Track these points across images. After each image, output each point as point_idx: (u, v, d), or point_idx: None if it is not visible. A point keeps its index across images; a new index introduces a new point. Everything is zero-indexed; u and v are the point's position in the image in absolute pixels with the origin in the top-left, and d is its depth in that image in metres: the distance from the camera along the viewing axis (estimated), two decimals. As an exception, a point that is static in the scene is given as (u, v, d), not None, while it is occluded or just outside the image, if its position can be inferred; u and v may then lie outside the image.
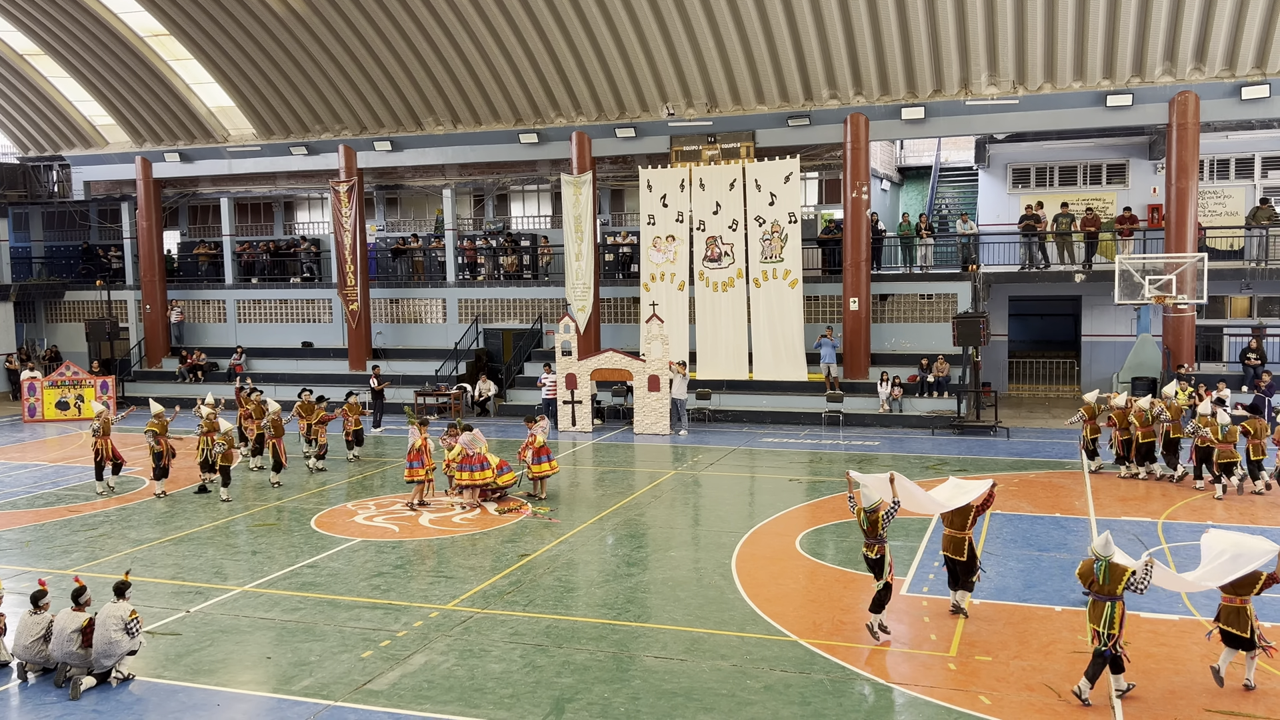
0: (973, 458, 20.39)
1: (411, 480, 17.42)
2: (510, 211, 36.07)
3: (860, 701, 9.26)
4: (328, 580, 13.24)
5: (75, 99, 33.23)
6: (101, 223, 38.33)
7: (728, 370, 27.42)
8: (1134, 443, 18.31)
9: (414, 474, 17.32)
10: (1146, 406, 18.32)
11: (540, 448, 17.55)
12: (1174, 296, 23.57)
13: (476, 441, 17.22)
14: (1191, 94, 24.02)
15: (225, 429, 18.42)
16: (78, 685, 9.77)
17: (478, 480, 17.11)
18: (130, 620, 9.98)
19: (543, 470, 17.61)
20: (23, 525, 16.64)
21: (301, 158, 31.66)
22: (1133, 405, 18.55)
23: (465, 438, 17.25)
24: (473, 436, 17.25)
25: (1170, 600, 11.76)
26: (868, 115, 26.21)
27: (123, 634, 9.92)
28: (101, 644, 9.85)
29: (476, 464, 17.11)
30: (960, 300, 27.00)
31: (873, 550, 10.71)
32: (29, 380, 29.57)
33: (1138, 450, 18.32)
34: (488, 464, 17.21)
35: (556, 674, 9.97)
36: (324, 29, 27.73)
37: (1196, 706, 8.96)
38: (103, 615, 9.93)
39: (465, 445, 17.12)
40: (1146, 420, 18.16)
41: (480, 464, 17.13)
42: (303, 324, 34.13)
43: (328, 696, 9.55)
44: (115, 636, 9.86)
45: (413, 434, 17.47)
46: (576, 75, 27.38)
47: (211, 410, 18.83)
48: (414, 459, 17.28)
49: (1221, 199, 28.45)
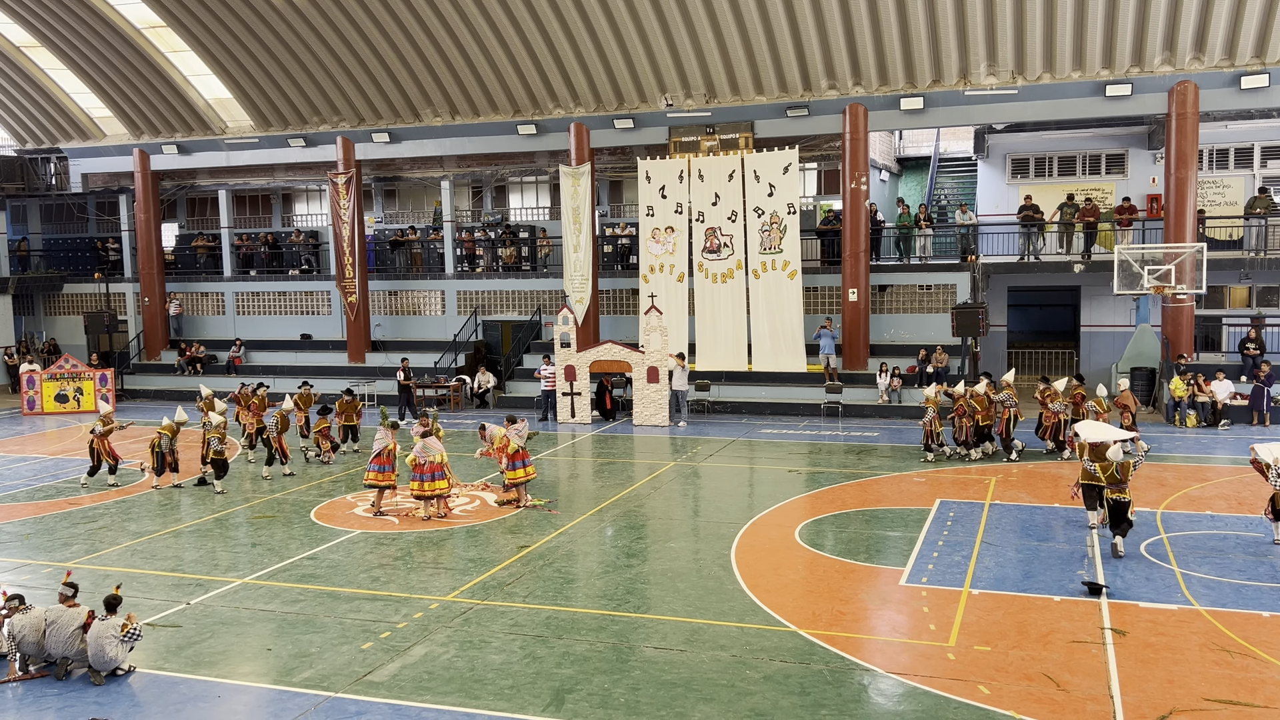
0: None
1: (374, 485, 16.42)
2: (509, 203, 36.03)
3: (859, 691, 9.28)
4: (327, 572, 13.26)
5: (73, 91, 33.15)
6: (99, 215, 38.28)
7: (727, 362, 27.42)
8: (975, 426, 19.62)
9: (381, 478, 16.40)
10: (982, 391, 19.67)
11: (515, 453, 16.38)
12: (1173, 286, 23.56)
13: (429, 450, 15.92)
14: (1191, 84, 23.98)
15: (218, 422, 18.44)
16: (99, 673, 9.80)
17: (427, 491, 15.87)
18: (124, 632, 9.92)
19: (517, 476, 16.45)
20: (22, 518, 16.65)
21: (299, 150, 31.60)
22: (970, 392, 19.86)
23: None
24: (424, 445, 15.96)
25: (1169, 591, 11.79)
26: (866, 106, 26.17)
27: (117, 647, 9.84)
28: (94, 653, 9.82)
29: (428, 474, 15.87)
30: (959, 291, 27.00)
31: (1125, 492, 13.24)
32: (28, 373, 29.55)
33: (976, 432, 19.59)
34: (442, 474, 15.95)
35: (556, 665, 9.99)
36: (321, 20, 27.65)
37: (1195, 695, 8.99)
38: (94, 633, 9.86)
39: (418, 454, 15.94)
40: (986, 404, 19.49)
41: (434, 474, 15.87)
42: (302, 316, 34.13)
43: (328, 688, 9.57)
44: (111, 652, 9.81)
45: (384, 437, 16.58)
46: (574, 66, 27.32)
47: (217, 413, 18.90)
48: (384, 463, 16.41)
49: (1221, 189, 28.42)
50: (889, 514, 15.69)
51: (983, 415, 19.59)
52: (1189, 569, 12.53)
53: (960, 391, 19.85)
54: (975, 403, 19.60)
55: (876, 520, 15.34)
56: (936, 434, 19.63)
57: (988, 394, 19.73)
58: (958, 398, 19.79)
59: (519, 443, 16.61)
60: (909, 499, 16.57)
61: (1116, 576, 12.27)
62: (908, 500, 16.48)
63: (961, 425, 19.75)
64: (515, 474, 16.49)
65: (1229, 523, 14.69)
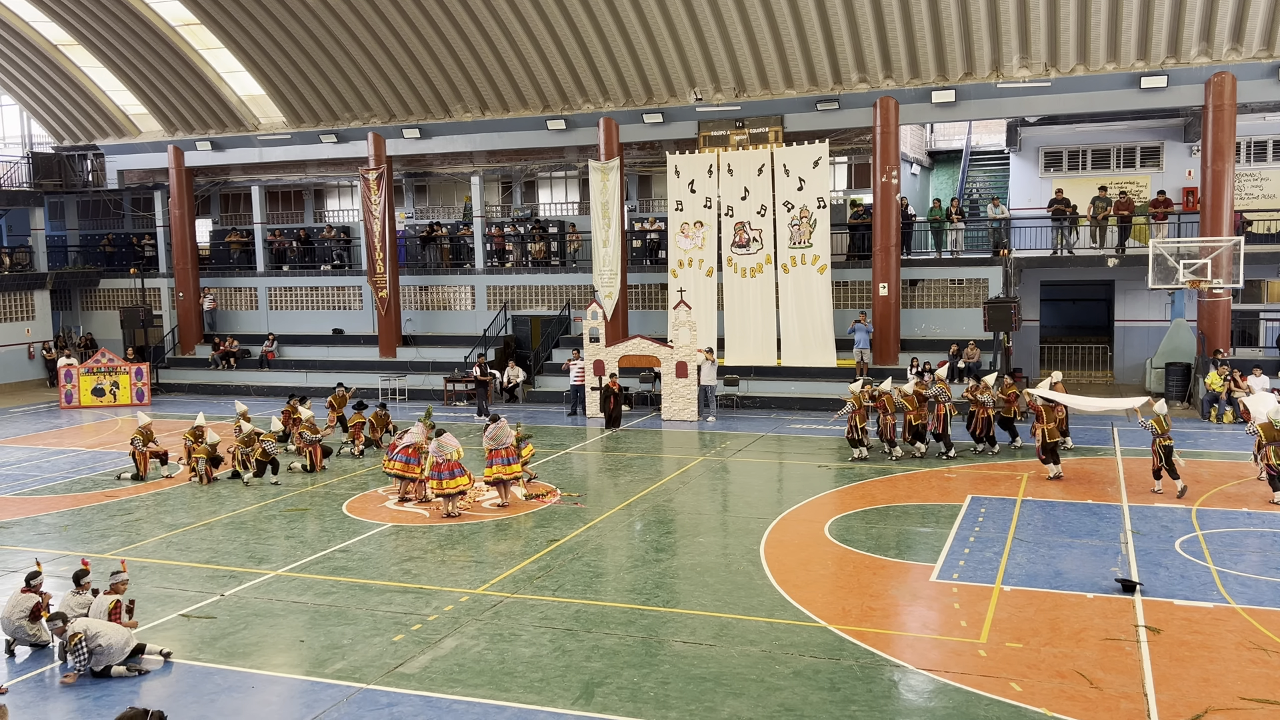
0: (1003, 443, 20.21)
1: (399, 475, 16.62)
2: (538, 198, 36.10)
3: (890, 687, 9.25)
4: (359, 565, 13.37)
5: (109, 89, 33.58)
6: (135, 211, 38.75)
7: (756, 356, 27.35)
8: (908, 425, 19.60)
9: (406, 469, 16.54)
10: (911, 391, 19.67)
11: (495, 450, 16.23)
12: (1209, 281, 23.23)
13: (444, 448, 15.81)
14: (1228, 74, 23.62)
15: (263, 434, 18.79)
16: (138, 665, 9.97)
17: (446, 489, 15.73)
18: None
19: (495, 473, 16.26)
20: (61, 510, 16.92)
21: (331, 146, 31.83)
22: (899, 390, 19.81)
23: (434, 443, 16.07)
24: (439, 443, 15.83)
25: (1204, 588, 11.66)
26: (897, 99, 25.99)
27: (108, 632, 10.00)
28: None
29: (446, 471, 15.73)
30: (991, 285, 26.76)
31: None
32: (65, 367, 29.98)
33: (910, 430, 19.57)
34: (461, 471, 15.84)
35: (586, 658, 10.02)
36: (353, 17, 27.82)
37: (1231, 694, 8.88)
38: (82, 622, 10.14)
39: (434, 453, 15.89)
40: (916, 404, 19.44)
41: (451, 471, 15.72)
42: (333, 311, 34.39)
43: (360, 679, 9.66)
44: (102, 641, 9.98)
45: (418, 431, 16.63)
46: (604, 61, 27.32)
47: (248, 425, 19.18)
48: (410, 455, 16.47)
49: (1259, 181, 27.98)
50: (920, 509, 15.60)
51: (914, 414, 19.45)
52: (1225, 566, 12.38)
53: (887, 389, 19.66)
54: (905, 401, 19.47)
55: (907, 516, 15.26)
56: (862, 429, 19.45)
57: (918, 392, 19.65)
58: (881, 394, 19.59)
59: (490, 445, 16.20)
60: (940, 495, 16.47)
61: (1151, 574, 12.14)
62: (939, 496, 16.39)
63: (885, 422, 19.54)
64: (491, 471, 16.22)
65: (1266, 520, 14.49)
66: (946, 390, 19.65)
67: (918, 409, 19.44)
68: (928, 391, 19.60)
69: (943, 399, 19.43)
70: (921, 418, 19.48)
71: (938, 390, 19.51)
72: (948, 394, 19.59)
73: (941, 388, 19.61)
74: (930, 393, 19.55)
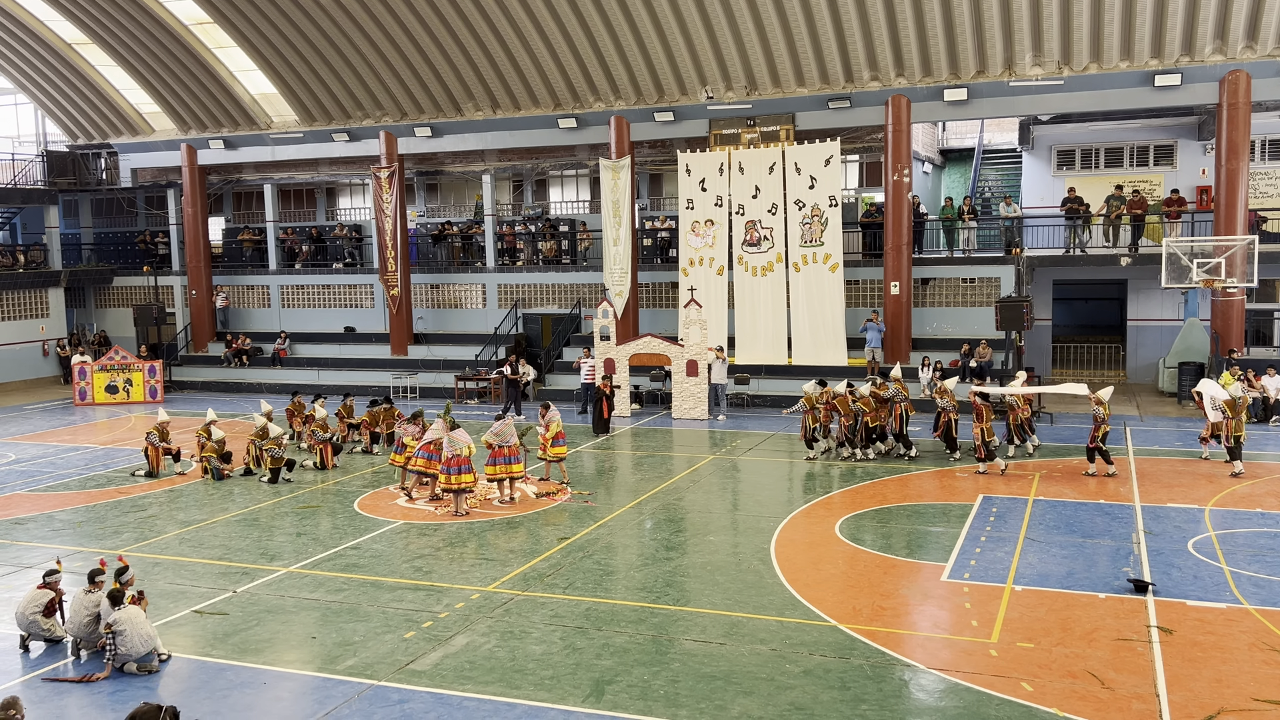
0: (1016, 443, 20.12)
1: (426, 473, 16.60)
2: (549, 196, 36.13)
3: (900, 687, 9.24)
4: (371, 562, 13.42)
5: (122, 87, 33.73)
6: (148, 209, 38.92)
7: (767, 355, 27.33)
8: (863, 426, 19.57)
9: (428, 465, 16.51)
10: (867, 392, 19.67)
11: (498, 449, 16.22)
12: (1223, 280, 23.12)
13: (455, 443, 15.77)
14: (1243, 73, 23.49)
15: (276, 433, 18.80)
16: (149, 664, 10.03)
17: (454, 484, 15.75)
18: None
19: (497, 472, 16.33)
20: (75, 506, 17.02)
21: (343, 144, 31.92)
22: (856, 390, 19.89)
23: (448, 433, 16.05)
24: (450, 439, 15.81)
25: (1217, 589, 11.61)
26: (909, 97, 25.92)
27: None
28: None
29: (454, 467, 15.73)
30: (1003, 284, 26.68)
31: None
32: (79, 364, 30.14)
33: (865, 432, 19.57)
34: (469, 468, 15.81)
35: (596, 656, 10.04)
36: (365, 16, 27.88)
37: (1244, 695, 8.85)
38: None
39: (445, 448, 15.91)
40: (874, 405, 19.48)
41: (460, 467, 15.71)
42: (345, 309, 34.48)
43: (371, 676, 9.69)
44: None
45: (438, 428, 16.46)
46: (615, 59, 27.33)
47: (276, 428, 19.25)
48: (431, 452, 16.48)
49: (1273, 180, 27.83)
50: (931, 509, 15.58)
51: (871, 416, 19.52)
52: (1238, 567, 12.33)
53: (841, 390, 19.66)
54: (862, 404, 19.53)
55: (918, 515, 15.24)
56: (818, 428, 19.43)
57: (875, 393, 19.68)
58: (832, 395, 19.54)
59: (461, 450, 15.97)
60: (951, 494, 16.44)
61: (1163, 574, 12.10)
62: (950, 495, 16.36)
63: (840, 424, 19.53)
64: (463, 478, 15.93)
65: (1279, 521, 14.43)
66: (904, 390, 19.77)
67: (874, 410, 19.56)
68: (885, 394, 19.68)
69: (899, 399, 19.54)
70: (879, 419, 19.60)
71: (894, 391, 19.61)
72: (904, 394, 19.73)
73: (898, 388, 19.68)
74: (888, 394, 19.64)
